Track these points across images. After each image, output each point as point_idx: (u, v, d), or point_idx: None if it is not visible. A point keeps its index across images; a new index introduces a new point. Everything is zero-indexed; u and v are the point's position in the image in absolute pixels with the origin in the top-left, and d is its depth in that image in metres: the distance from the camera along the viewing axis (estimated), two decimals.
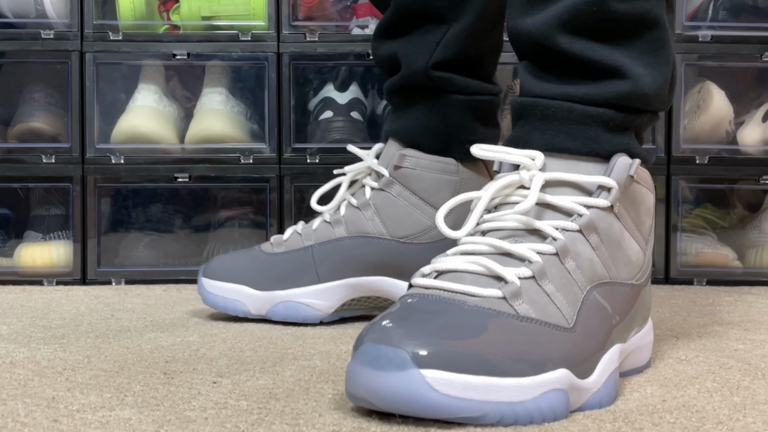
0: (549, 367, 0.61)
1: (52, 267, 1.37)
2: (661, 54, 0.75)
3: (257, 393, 0.68)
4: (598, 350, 0.67)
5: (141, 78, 1.41)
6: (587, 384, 0.64)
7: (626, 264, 0.72)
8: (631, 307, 0.73)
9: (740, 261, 1.41)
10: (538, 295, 0.64)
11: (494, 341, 0.60)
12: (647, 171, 0.75)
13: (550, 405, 0.60)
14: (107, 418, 0.61)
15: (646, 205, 0.75)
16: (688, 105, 1.41)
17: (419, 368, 0.56)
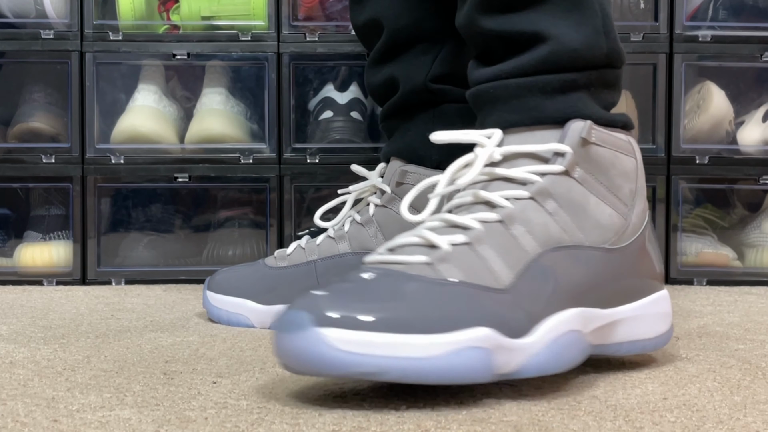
0: (466, 325, 0.62)
1: (52, 267, 1.37)
2: (586, 6, 0.74)
3: (257, 393, 0.68)
4: (540, 312, 0.66)
5: (141, 78, 1.41)
6: (519, 344, 0.65)
7: (596, 228, 0.72)
8: (607, 270, 0.72)
9: (740, 261, 1.41)
10: (471, 260, 0.66)
11: (404, 301, 0.62)
12: (624, 134, 0.76)
13: (464, 361, 0.61)
14: (107, 418, 0.61)
15: (621, 168, 0.75)
16: (688, 105, 1.41)
17: (318, 327, 0.59)
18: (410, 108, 1.02)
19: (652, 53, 1.38)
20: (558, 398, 0.67)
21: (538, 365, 0.66)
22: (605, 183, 0.73)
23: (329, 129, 1.40)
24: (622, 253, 0.74)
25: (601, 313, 0.72)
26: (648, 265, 0.77)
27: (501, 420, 0.61)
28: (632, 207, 0.75)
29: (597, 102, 0.75)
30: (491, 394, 0.68)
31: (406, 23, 1.00)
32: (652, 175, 1.39)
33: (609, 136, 0.74)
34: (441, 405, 0.65)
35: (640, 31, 1.38)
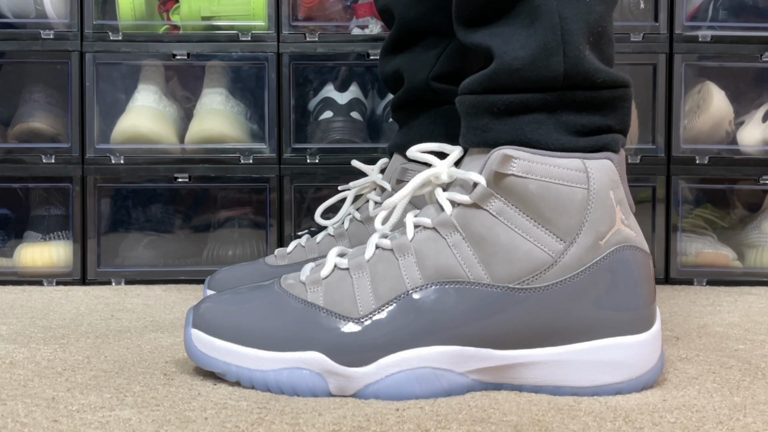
0: (301, 347, 0.68)
1: (52, 267, 1.37)
2: (538, 24, 0.68)
3: (257, 393, 0.68)
4: (393, 345, 0.67)
5: (141, 78, 1.41)
6: (353, 372, 0.67)
7: (505, 264, 0.68)
8: (509, 311, 0.68)
9: (740, 261, 1.41)
10: (342, 286, 0.70)
11: (254, 316, 0.69)
12: (578, 161, 0.68)
13: (290, 380, 0.67)
14: (107, 419, 0.61)
15: (557, 201, 0.68)
16: (688, 105, 1.41)
17: (191, 327, 0.71)
18: (414, 104, 1.01)
19: (652, 53, 1.38)
20: (558, 398, 0.67)
21: (370, 392, 0.68)
22: (531, 216, 0.68)
23: (329, 129, 1.40)
24: (539, 293, 0.68)
25: (494, 354, 0.68)
26: (594, 306, 0.68)
27: (501, 420, 0.61)
28: (571, 243, 0.68)
29: (562, 126, 0.69)
30: (491, 394, 0.68)
31: (415, 15, 0.98)
32: (652, 175, 1.39)
33: (543, 167, 0.68)
34: (441, 405, 0.65)
35: (640, 31, 1.38)
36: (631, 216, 0.71)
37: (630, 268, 0.70)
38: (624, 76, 0.71)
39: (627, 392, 0.69)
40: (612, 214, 0.69)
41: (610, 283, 0.69)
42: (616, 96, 0.70)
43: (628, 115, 0.72)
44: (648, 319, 0.70)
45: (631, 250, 0.70)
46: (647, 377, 0.70)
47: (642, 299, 0.70)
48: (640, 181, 1.41)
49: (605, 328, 0.69)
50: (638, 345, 0.69)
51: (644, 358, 0.70)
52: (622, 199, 0.70)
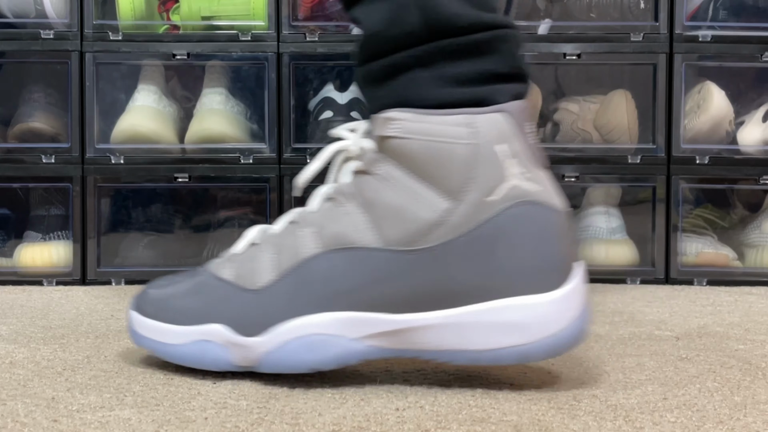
0: (204, 320, 0.71)
1: (51, 267, 1.37)
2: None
3: (257, 393, 0.68)
4: (288, 313, 0.68)
5: (141, 78, 1.41)
6: (250, 342, 0.69)
7: (396, 227, 0.67)
8: (402, 273, 0.66)
9: (740, 261, 1.41)
10: (248, 261, 0.72)
11: (178, 295, 0.73)
12: (465, 117, 0.66)
13: (196, 352, 0.71)
14: (107, 418, 0.61)
15: (445, 158, 0.66)
16: (688, 105, 1.41)
17: (131, 309, 0.75)
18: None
19: (652, 53, 1.38)
20: (558, 398, 0.67)
21: (271, 363, 0.69)
22: (417, 177, 0.67)
23: (329, 129, 1.40)
24: (428, 254, 0.66)
25: (387, 318, 0.67)
26: (488, 266, 0.65)
27: (501, 420, 0.61)
28: (460, 201, 0.66)
29: (440, 80, 0.67)
30: (491, 394, 0.68)
31: None
32: (652, 175, 1.39)
33: (423, 125, 0.66)
34: (441, 405, 0.65)
35: (640, 31, 1.38)
36: (536, 170, 0.67)
37: (529, 225, 0.66)
38: (496, 18, 0.68)
39: (532, 354, 0.65)
40: (500, 169, 0.66)
41: (506, 241, 0.65)
42: (490, 38, 0.67)
43: (514, 58, 0.68)
44: (556, 278, 0.66)
45: (530, 206, 0.66)
46: (555, 339, 0.66)
47: (545, 256, 0.66)
48: (640, 181, 1.41)
49: (504, 288, 0.65)
50: (542, 305, 0.65)
51: (550, 318, 0.65)
52: (518, 152, 0.66)
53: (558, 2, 1.44)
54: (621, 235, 1.40)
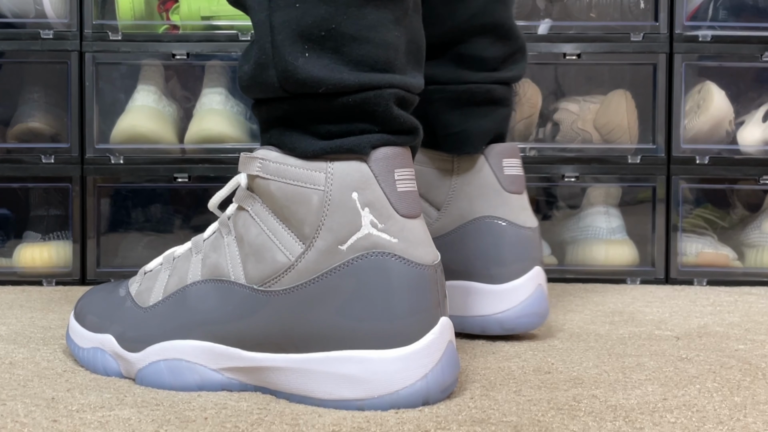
0: (104, 330, 0.75)
1: (51, 267, 1.37)
2: (255, 38, 0.67)
3: (257, 394, 0.68)
4: (161, 335, 0.72)
5: (140, 78, 1.41)
6: (129, 357, 0.73)
7: (256, 265, 0.68)
8: (253, 313, 0.67)
9: (740, 261, 1.41)
10: (150, 280, 0.76)
11: (97, 302, 0.78)
12: (319, 163, 0.65)
13: (91, 358, 0.76)
14: (107, 418, 0.61)
15: (302, 203, 0.66)
16: (688, 105, 1.41)
17: (72, 315, 0.80)
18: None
19: (652, 53, 1.38)
20: (558, 398, 0.67)
21: (142, 380, 0.72)
22: (282, 219, 0.67)
23: None
24: (277, 297, 0.66)
25: (242, 354, 0.68)
26: (332, 315, 0.64)
27: (501, 420, 0.61)
28: (311, 246, 0.65)
29: (308, 132, 0.67)
30: (491, 395, 0.68)
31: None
32: (652, 175, 1.39)
33: (281, 167, 0.66)
34: (440, 406, 0.65)
35: (640, 31, 1.38)
36: (394, 220, 0.65)
37: (379, 277, 0.64)
38: (366, 79, 0.65)
39: (372, 408, 0.63)
40: (355, 217, 0.64)
41: (352, 291, 0.64)
42: (356, 102, 0.65)
43: (387, 118, 0.66)
44: (405, 334, 0.64)
45: (382, 258, 0.64)
46: (397, 397, 0.63)
47: (393, 311, 0.64)
48: (640, 181, 1.41)
49: (347, 339, 0.64)
50: (384, 361, 0.63)
51: (390, 376, 0.63)
52: (374, 202, 0.65)
53: (558, 2, 1.44)
54: (621, 235, 1.40)
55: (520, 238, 0.90)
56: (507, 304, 0.90)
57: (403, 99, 0.66)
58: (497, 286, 0.90)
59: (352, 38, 0.64)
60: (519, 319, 0.90)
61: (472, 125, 0.91)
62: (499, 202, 0.91)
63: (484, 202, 0.91)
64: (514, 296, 0.90)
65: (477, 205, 0.91)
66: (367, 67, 0.65)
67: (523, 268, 0.90)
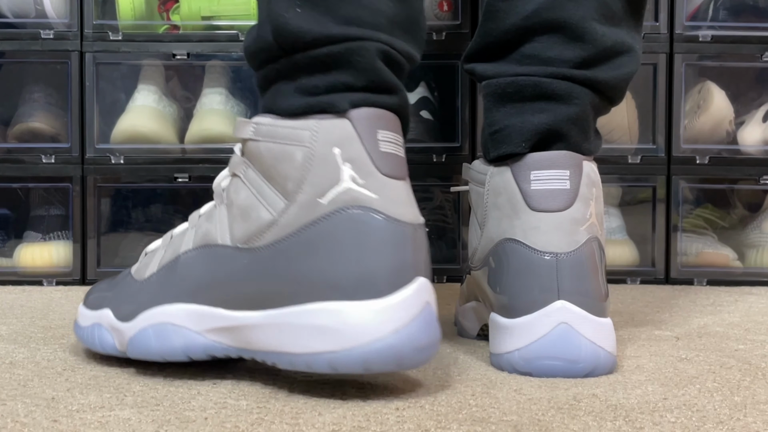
0: (101, 306, 0.77)
1: (51, 267, 1.37)
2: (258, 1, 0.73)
3: (257, 393, 0.68)
4: (151, 302, 0.73)
5: (141, 78, 1.41)
6: (121, 327, 0.75)
7: (242, 226, 0.69)
8: (234, 271, 0.69)
9: (740, 261, 1.41)
10: (149, 257, 0.78)
11: (97, 287, 0.81)
12: (310, 120, 0.67)
13: (90, 335, 0.78)
14: (107, 418, 0.61)
15: (288, 161, 0.67)
16: (688, 105, 1.41)
17: (81, 302, 0.81)
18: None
19: (652, 53, 1.38)
20: (558, 398, 0.67)
21: (131, 349, 0.74)
22: (268, 179, 0.68)
23: None
24: (257, 253, 0.68)
25: (224, 313, 0.69)
26: (310, 268, 0.65)
27: (501, 420, 0.61)
28: (291, 203, 0.66)
29: (298, 91, 0.69)
30: (491, 394, 0.68)
31: None
32: (652, 175, 1.39)
33: (270, 128, 0.68)
34: (441, 405, 0.65)
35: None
36: (374, 177, 0.66)
37: (357, 230, 0.64)
38: (348, 30, 0.67)
39: (342, 363, 0.63)
40: (335, 171, 0.65)
41: (330, 244, 0.65)
42: (340, 52, 0.67)
43: (370, 70, 0.68)
44: (379, 288, 0.63)
45: (361, 212, 0.64)
46: (368, 350, 0.63)
47: (368, 264, 0.64)
48: (640, 181, 1.41)
49: (323, 292, 0.64)
50: (356, 312, 0.63)
51: (362, 327, 0.63)
52: (355, 158, 0.65)
53: None
54: (621, 235, 1.40)
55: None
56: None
57: (388, 55, 0.68)
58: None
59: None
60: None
61: (516, 121, 0.79)
62: (518, 222, 0.77)
63: (507, 222, 0.78)
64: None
65: (503, 225, 0.78)
66: (354, 25, 0.67)
67: (542, 301, 0.74)
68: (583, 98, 0.79)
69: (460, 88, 1.42)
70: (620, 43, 0.80)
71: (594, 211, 0.78)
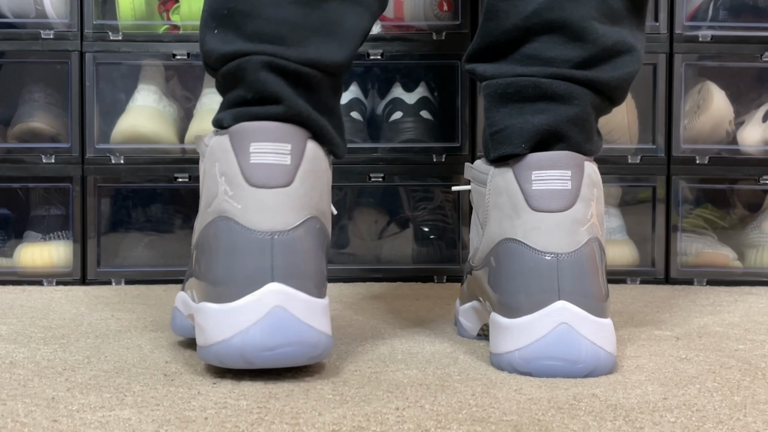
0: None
1: (52, 267, 1.37)
2: None
3: (257, 393, 0.68)
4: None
5: (141, 78, 1.41)
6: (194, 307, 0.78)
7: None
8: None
9: (740, 261, 1.41)
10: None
11: None
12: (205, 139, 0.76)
13: (172, 317, 0.88)
14: (107, 418, 0.61)
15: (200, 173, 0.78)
16: (688, 105, 1.41)
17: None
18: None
19: (652, 53, 1.38)
20: (558, 398, 0.67)
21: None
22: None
23: None
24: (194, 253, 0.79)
25: (189, 302, 0.81)
26: (198, 271, 0.75)
27: (501, 420, 0.61)
28: (199, 212, 0.78)
29: (221, 105, 0.77)
30: (491, 393, 0.68)
31: None
32: (652, 175, 1.39)
33: (201, 146, 0.78)
34: (441, 404, 0.65)
35: None
36: (241, 188, 0.71)
37: (218, 238, 0.71)
38: (238, 47, 0.73)
39: (207, 357, 0.71)
40: (215, 184, 0.72)
41: (206, 250, 0.72)
42: (232, 69, 0.73)
43: (254, 83, 0.73)
44: (229, 292, 0.70)
45: (224, 222, 0.71)
46: (218, 348, 0.70)
47: (221, 269, 0.70)
48: (640, 181, 1.41)
49: (205, 293, 0.72)
50: (211, 313, 0.70)
51: (215, 327, 0.70)
52: (227, 172, 0.71)
53: None
54: (621, 235, 1.40)
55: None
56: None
57: (275, 66, 0.72)
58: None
59: (246, 14, 0.73)
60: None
61: (516, 122, 0.79)
62: (519, 222, 0.77)
63: (508, 222, 0.78)
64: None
65: (504, 225, 0.78)
66: (257, 40, 0.73)
67: (543, 301, 0.74)
68: (584, 98, 0.79)
69: (460, 88, 1.42)
70: (621, 42, 0.79)
71: (595, 211, 0.78)
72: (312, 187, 0.72)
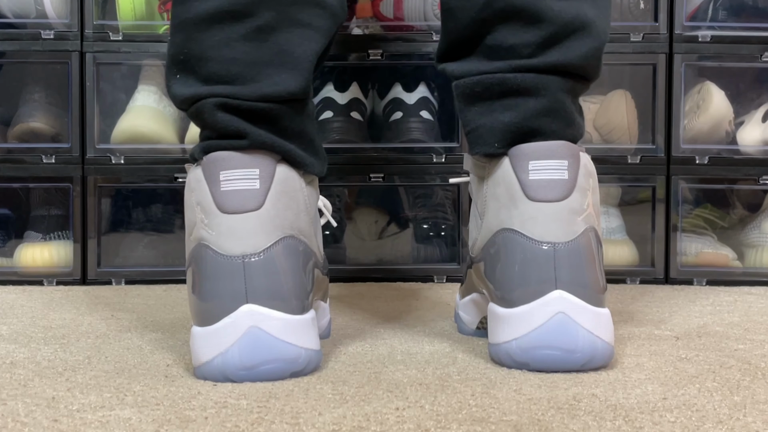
0: None
1: (52, 267, 1.37)
2: None
3: (257, 392, 0.68)
4: None
5: (141, 78, 1.41)
6: None
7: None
8: None
9: (740, 261, 1.41)
10: None
11: None
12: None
13: None
14: (107, 418, 0.61)
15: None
16: (688, 105, 1.41)
17: None
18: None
19: (652, 53, 1.38)
20: (558, 398, 0.67)
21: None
22: None
23: (329, 129, 1.40)
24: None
25: None
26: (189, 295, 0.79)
27: (501, 420, 0.61)
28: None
29: (200, 140, 0.80)
30: (491, 394, 0.68)
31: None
32: (652, 175, 1.39)
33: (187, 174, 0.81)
34: (441, 404, 0.65)
35: (640, 31, 1.38)
36: (214, 215, 0.73)
37: (197, 264, 0.74)
38: (195, 91, 0.76)
39: (199, 375, 0.73)
40: (193, 214, 0.75)
41: (190, 275, 0.75)
42: (193, 111, 0.77)
43: (212, 122, 0.76)
44: (208, 316, 0.73)
45: (200, 247, 0.74)
46: (204, 369, 0.72)
47: (200, 294, 0.73)
48: (640, 181, 1.41)
49: (194, 316, 0.75)
50: (195, 336, 0.74)
51: (199, 349, 0.73)
52: (202, 201, 0.74)
53: None
54: (621, 235, 1.40)
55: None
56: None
57: (229, 106, 0.75)
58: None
59: (199, 58, 0.76)
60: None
61: (486, 121, 0.80)
62: (516, 212, 0.77)
63: (505, 212, 0.78)
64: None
65: (501, 215, 0.78)
66: (212, 82, 0.76)
67: (540, 290, 0.75)
68: (552, 87, 0.79)
69: None
70: (581, 15, 0.78)
71: (591, 201, 0.78)
72: (285, 207, 0.74)
